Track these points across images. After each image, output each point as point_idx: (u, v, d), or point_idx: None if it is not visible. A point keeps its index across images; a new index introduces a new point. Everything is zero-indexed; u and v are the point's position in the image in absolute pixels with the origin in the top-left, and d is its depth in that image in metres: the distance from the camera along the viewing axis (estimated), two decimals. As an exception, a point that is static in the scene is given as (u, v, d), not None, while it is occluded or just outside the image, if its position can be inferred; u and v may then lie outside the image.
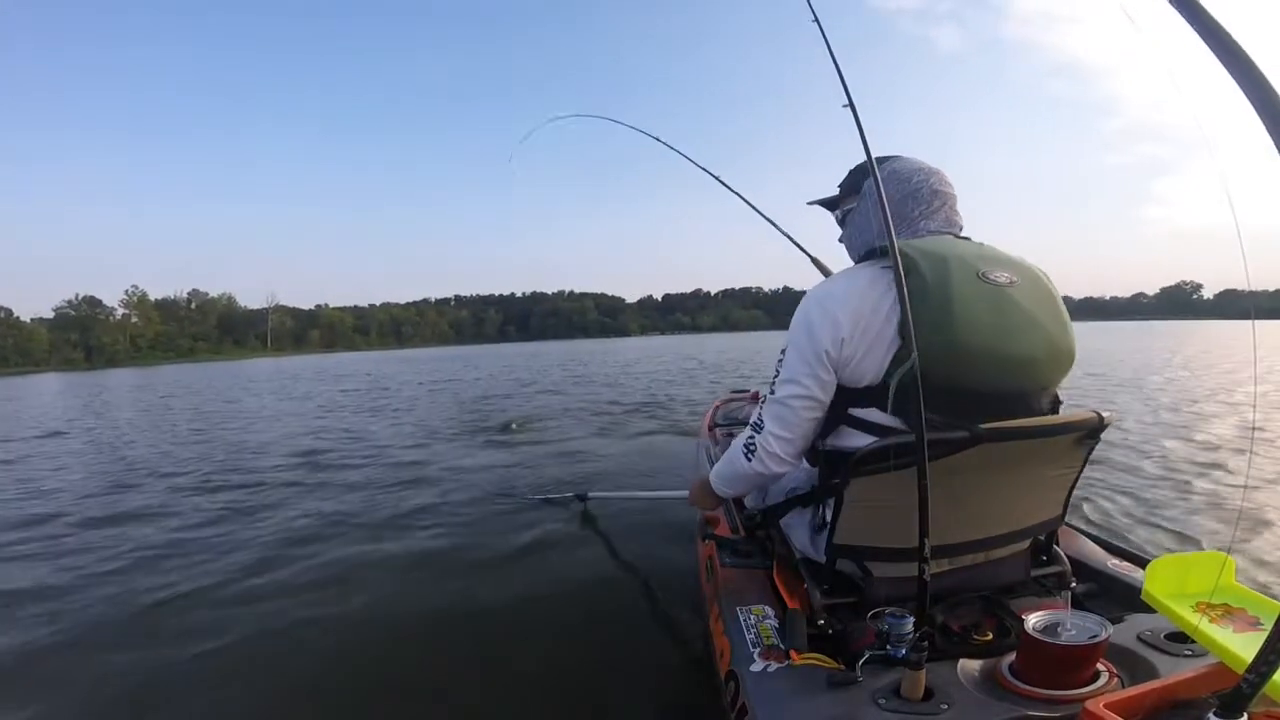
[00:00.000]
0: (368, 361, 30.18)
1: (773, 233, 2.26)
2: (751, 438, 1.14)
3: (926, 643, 0.90)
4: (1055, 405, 1.11)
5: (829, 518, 1.14)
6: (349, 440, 5.93)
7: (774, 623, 1.20)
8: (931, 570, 0.96)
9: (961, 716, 0.86)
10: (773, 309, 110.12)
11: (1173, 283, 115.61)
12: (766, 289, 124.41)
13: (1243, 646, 0.78)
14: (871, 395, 0.99)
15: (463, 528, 3.03)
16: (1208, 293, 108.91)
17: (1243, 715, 0.66)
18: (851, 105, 1.11)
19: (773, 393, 1.09)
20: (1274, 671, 0.64)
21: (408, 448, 5.33)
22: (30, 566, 2.71)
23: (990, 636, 1.10)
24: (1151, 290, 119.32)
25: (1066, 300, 1.09)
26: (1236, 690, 0.66)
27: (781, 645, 1.11)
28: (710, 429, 2.97)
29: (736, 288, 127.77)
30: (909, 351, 0.94)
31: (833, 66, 1.15)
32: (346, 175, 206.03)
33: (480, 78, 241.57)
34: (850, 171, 1.26)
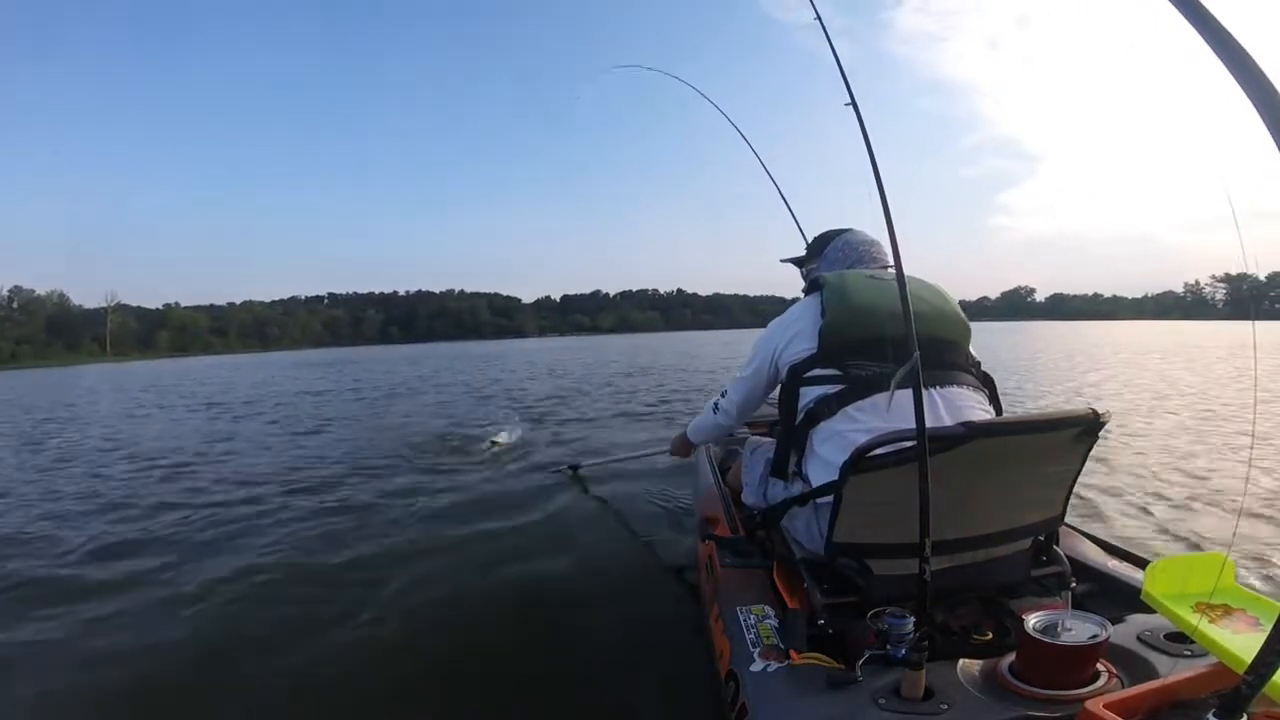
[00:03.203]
0: (223, 367, 25.17)
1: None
2: (718, 400, 1.63)
3: (926, 643, 0.90)
4: (976, 369, 1.35)
5: (829, 515, 1.14)
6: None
7: (774, 623, 1.20)
8: (932, 567, 0.97)
9: (961, 716, 0.86)
10: (668, 310, 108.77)
11: (1011, 287, 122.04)
12: (662, 290, 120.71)
13: (1242, 647, 0.78)
14: (810, 361, 1.32)
15: (460, 514, 3.06)
16: (1040, 296, 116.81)
17: (1242, 716, 0.66)
18: (854, 103, 1.12)
19: (738, 375, 1.54)
20: (1273, 672, 0.65)
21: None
22: None
23: (990, 636, 1.10)
24: (994, 294, 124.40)
25: None
26: (1236, 691, 0.66)
27: (781, 645, 1.11)
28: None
29: (634, 289, 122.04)
30: (909, 352, 0.96)
31: (835, 65, 1.16)
32: (200, 154, 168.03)
33: (354, 59, 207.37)
34: (814, 239, 1.69)
